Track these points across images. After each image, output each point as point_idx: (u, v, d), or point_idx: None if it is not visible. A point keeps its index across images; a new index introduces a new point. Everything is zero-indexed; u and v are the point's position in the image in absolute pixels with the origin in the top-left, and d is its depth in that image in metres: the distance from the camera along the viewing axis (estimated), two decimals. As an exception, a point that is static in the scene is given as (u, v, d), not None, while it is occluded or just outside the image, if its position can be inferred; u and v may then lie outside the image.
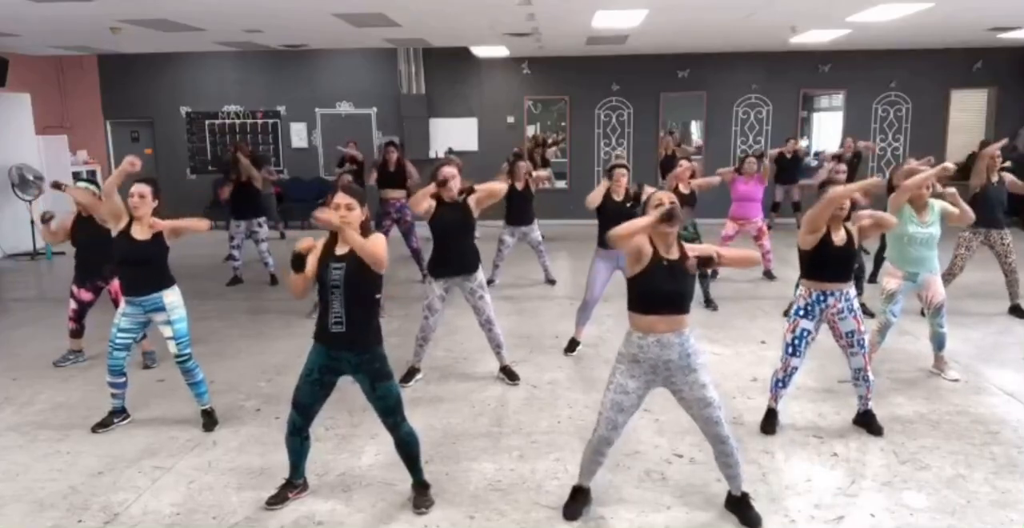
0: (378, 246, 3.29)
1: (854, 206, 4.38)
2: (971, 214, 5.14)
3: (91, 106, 13.04)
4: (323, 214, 3.24)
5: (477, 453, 4.19)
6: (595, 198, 5.73)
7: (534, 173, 8.17)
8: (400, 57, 12.52)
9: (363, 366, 3.41)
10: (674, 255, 3.21)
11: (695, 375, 3.23)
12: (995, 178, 6.67)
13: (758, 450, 4.16)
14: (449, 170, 4.96)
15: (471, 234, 5.16)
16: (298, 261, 3.30)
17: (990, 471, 3.90)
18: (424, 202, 4.96)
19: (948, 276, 6.61)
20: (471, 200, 5.00)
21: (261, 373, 5.56)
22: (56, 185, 5.84)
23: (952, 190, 5.20)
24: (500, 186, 5.20)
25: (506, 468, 4.00)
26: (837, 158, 9.94)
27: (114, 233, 4.40)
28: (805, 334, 4.27)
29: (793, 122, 12.85)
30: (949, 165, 5.04)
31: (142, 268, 4.38)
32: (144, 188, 4.36)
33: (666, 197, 3.24)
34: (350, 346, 3.38)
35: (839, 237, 4.20)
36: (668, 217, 3.07)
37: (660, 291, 3.18)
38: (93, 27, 8.42)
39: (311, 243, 3.35)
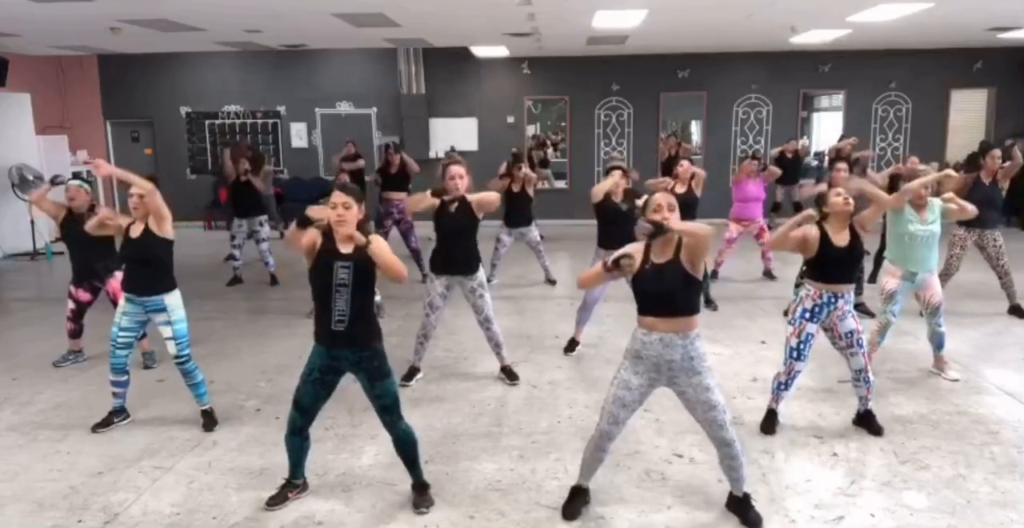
0: (399, 263, 3.33)
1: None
2: (972, 209, 5.12)
3: (91, 106, 13.05)
4: (316, 212, 3.25)
5: (477, 453, 4.19)
6: (600, 190, 5.59)
7: (524, 170, 8.11)
8: (400, 57, 12.53)
9: (363, 363, 3.41)
10: (666, 258, 3.22)
11: (699, 377, 3.24)
12: (988, 179, 6.67)
13: (758, 450, 4.16)
14: (456, 169, 4.96)
15: (473, 235, 5.14)
16: (305, 220, 3.28)
17: (990, 471, 3.90)
18: (422, 204, 4.97)
19: (944, 276, 6.61)
20: (473, 202, 4.99)
21: (261, 373, 5.56)
22: (56, 180, 5.80)
23: (949, 194, 5.21)
24: (494, 196, 5.13)
25: (506, 468, 4.00)
26: (837, 154, 9.95)
27: (120, 238, 4.48)
28: (809, 338, 4.27)
29: (793, 122, 12.86)
30: (952, 173, 5.08)
31: (145, 267, 4.39)
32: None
33: (663, 200, 3.24)
34: (351, 343, 3.38)
35: (841, 238, 4.20)
36: (616, 265, 3.17)
37: (649, 292, 3.23)
38: (93, 27, 8.43)
39: (323, 214, 3.29)
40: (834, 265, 4.22)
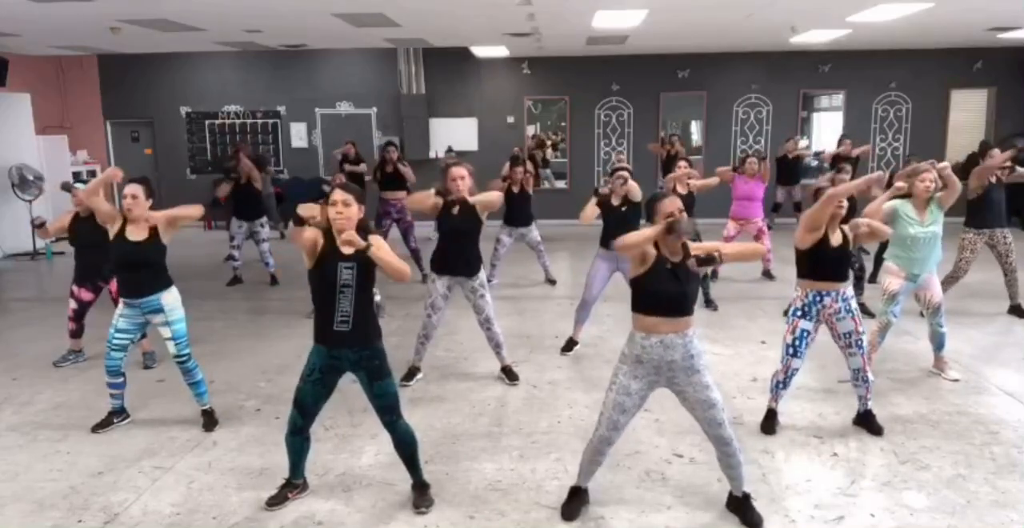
0: (401, 263, 3.37)
1: (853, 208, 4.37)
2: (957, 183, 5.00)
3: (91, 106, 13.04)
4: (305, 210, 3.27)
5: (477, 453, 4.19)
6: (588, 215, 5.60)
7: (518, 168, 8.16)
8: (400, 57, 12.52)
9: (363, 363, 3.42)
10: (678, 257, 3.21)
11: (698, 376, 3.24)
12: (993, 179, 6.66)
13: (758, 450, 4.16)
14: (458, 170, 4.95)
15: (477, 237, 5.12)
16: (299, 219, 3.33)
17: (990, 471, 3.90)
18: (425, 202, 4.96)
19: (952, 279, 6.61)
20: (477, 204, 4.98)
21: (261, 373, 5.56)
22: (65, 187, 5.82)
23: (945, 163, 5.16)
24: (496, 196, 5.14)
25: (506, 468, 4.00)
26: (836, 158, 9.98)
27: (110, 236, 4.38)
28: (804, 335, 4.27)
29: (793, 122, 12.85)
30: (902, 185, 4.94)
31: (140, 271, 4.36)
32: (136, 188, 4.32)
33: (672, 206, 3.20)
34: (352, 343, 3.39)
35: (835, 238, 4.22)
36: (672, 229, 3.11)
37: (663, 293, 3.19)
38: (93, 27, 8.42)
39: (315, 212, 3.33)
40: (824, 264, 4.23)
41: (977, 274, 7.55)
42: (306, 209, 3.32)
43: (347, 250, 3.33)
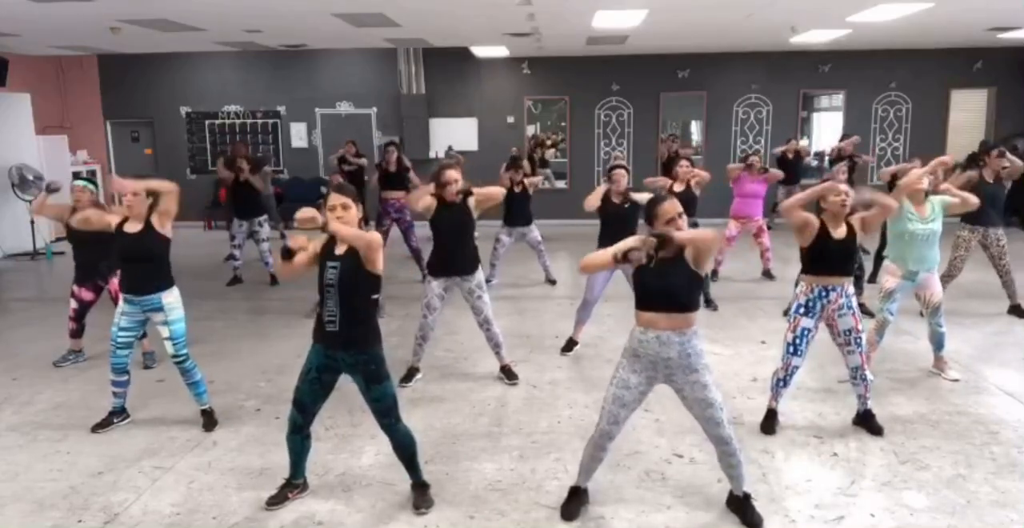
0: (371, 235, 3.27)
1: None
2: (973, 199, 5.10)
3: (91, 106, 13.05)
4: (303, 214, 3.25)
5: (477, 453, 4.19)
6: (593, 201, 5.69)
7: (527, 180, 8.18)
8: (400, 57, 12.53)
9: (359, 367, 3.41)
10: (668, 254, 3.22)
11: (696, 375, 3.24)
12: (992, 178, 6.66)
13: (758, 450, 4.16)
14: (452, 173, 4.96)
15: (471, 235, 5.16)
16: (287, 253, 3.33)
17: (990, 471, 3.90)
18: (423, 201, 4.98)
19: (947, 277, 6.60)
20: (471, 201, 5.01)
21: (261, 373, 5.56)
22: (53, 188, 5.81)
23: (946, 185, 5.21)
24: (499, 190, 5.21)
25: (506, 468, 4.00)
26: (839, 154, 9.94)
27: (113, 231, 4.44)
28: (806, 333, 4.27)
29: (793, 122, 12.86)
30: (946, 159, 5.14)
31: (142, 265, 4.38)
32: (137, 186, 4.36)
33: (673, 209, 3.24)
34: (345, 346, 3.38)
35: (839, 232, 4.22)
36: (624, 258, 3.10)
37: (651, 288, 3.23)
38: (93, 27, 8.43)
39: (304, 242, 3.35)
40: (828, 257, 4.23)
41: (975, 274, 7.56)
42: (297, 241, 3.30)
43: (339, 249, 3.35)
